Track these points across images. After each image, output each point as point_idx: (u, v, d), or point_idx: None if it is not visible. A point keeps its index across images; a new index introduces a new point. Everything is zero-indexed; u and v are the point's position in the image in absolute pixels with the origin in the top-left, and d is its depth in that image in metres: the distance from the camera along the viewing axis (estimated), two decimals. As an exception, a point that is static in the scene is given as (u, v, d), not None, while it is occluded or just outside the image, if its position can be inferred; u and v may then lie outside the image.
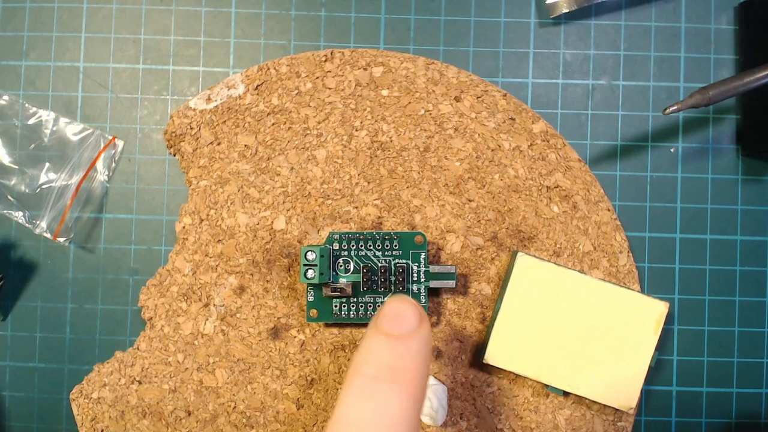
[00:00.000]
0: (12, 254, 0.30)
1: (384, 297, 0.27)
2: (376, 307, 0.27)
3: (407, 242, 0.27)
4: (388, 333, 0.16)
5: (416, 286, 0.27)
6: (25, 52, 0.31)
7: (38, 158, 0.30)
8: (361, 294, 0.27)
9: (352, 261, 0.27)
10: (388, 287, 0.27)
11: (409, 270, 0.27)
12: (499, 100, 0.30)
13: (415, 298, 0.27)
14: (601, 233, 0.30)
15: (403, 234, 0.27)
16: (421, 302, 0.27)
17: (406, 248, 0.27)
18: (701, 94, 0.26)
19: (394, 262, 0.27)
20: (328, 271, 0.27)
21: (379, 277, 0.27)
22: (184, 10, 0.31)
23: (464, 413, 0.29)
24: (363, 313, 0.27)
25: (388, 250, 0.27)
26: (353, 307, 0.27)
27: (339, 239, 0.27)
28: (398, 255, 0.27)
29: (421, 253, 0.27)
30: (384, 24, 0.31)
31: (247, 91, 0.30)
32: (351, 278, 0.27)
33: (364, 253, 0.27)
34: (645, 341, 0.28)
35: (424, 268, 0.27)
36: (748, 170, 0.31)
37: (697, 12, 0.31)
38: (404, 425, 0.13)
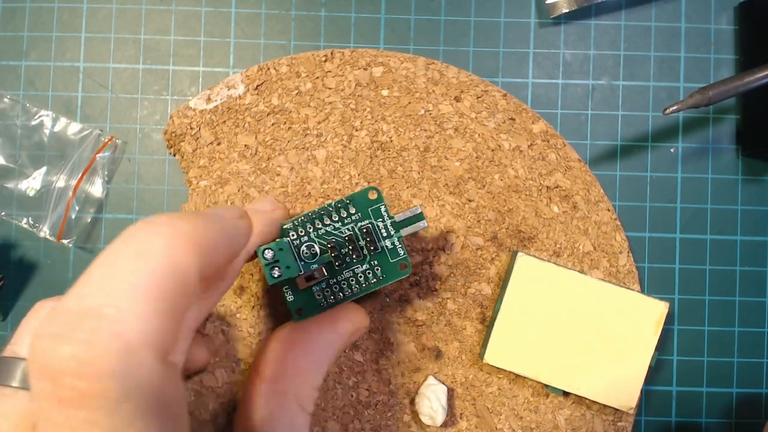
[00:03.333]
0: (12, 254, 0.30)
1: (361, 265, 0.25)
2: (358, 279, 0.25)
3: (362, 202, 0.25)
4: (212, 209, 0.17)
5: (389, 241, 0.25)
6: (25, 52, 0.31)
7: (38, 158, 0.30)
8: (338, 272, 0.25)
9: (316, 243, 0.25)
10: (360, 254, 0.25)
11: (375, 228, 0.25)
12: (499, 100, 0.30)
13: (392, 253, 0.25)
14: (601, 233, 0.30)
15: (354, 195, 0.25)
16: (400, 255, 0.25)
17: (364, 208, 0.25)
18: (701, 94, 0.26)
19: (358, 227, 0.25)
20: (294, 263, 0.24)
21: (348, 247, 0.25)
22: (184, 10, 0.31)
23: (464, 413, 0.29)
24: (349, 290, 0.25)
25: (347, 218, 0.25)
26: (336, 288, 0.25)
27: (293, 227, 0.25)
28: (358, 218, 0.25)
29: (380, 207, 0.25)
30: (384, 24, 0.31)
31: (247, 91, 0.30)
32: (321, 261, 0.25)
33: (324, 230, 0.25)
34: (645, 341, 0.28)
35: (389, 220, 0.25)
36: (748, 170, 0.31)
37: (697, 12, 0.31)
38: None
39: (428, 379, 0.29)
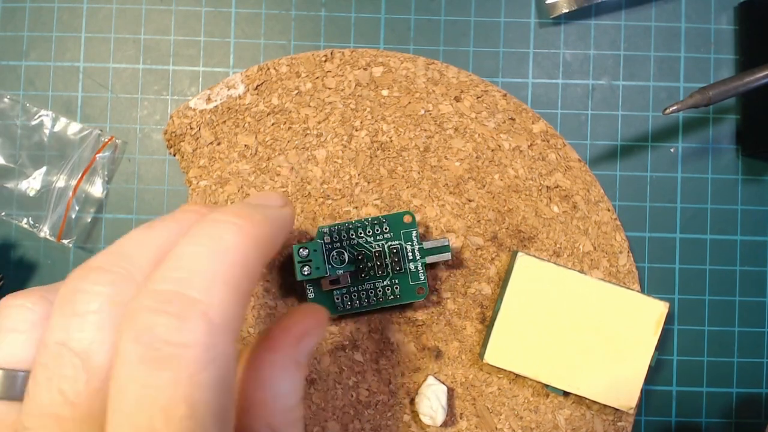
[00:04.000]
0: (12, 254, 0.30)
1: (383, 281, 0.27)
2: (377, 293, 0.27)
3: (397, 223, 0.27)
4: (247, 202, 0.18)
5: (413, 265, 0.27)
6: (25, 52, 0.31)
7: (38, 158, 0.30)
8: (360, 282, 0.27)
9: (346, 251, 0.27)
10: (384, 270, 0.27)
11: (403, 250, 0.27)
12: (499, 100, 0.30)
13: (413, 276, 0.27)
14: (601, 233, 0.30)
15: (391, 216, 0.27)
16: (420, 279, 0.27)
17: (397, 229, 0.27)
18: (701, 94, 0.26)
19: (388, 245, 0.27)
20: (323, 265, 0.27)
21: (375, 262, 0.27)
22: (184, 10, 0.31)
23: (464, 413, 0.29)
24: (366, 300, 0.27)
25: (379, 234, 0.27)
26: (354, 296, 0.27)
27: (329, 232, 0.27)
28: (390, 237, 0.27)
29: (411, 231, 0.27)
30: (384, 24, 0.31)
31: (247, 91, 0.30)
32: (347, 268, 0.27)
33: (356, 241, 0.27)
34: (645, 341, 0.28)
35: (418, 246, 0.27)
36: (748, 170, 0.31)
37: (697, 12, 0.31)
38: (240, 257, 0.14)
39: (428, 379, 0.29)
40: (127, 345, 0.13)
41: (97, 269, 0.14)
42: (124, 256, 0.14)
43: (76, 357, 0.13)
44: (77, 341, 0.13)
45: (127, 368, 0.12)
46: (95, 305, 0.14)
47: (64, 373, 0.13)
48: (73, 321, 0.14)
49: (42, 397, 0.13)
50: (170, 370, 0.12)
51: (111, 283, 0.14)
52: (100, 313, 0.13)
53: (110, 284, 0.14)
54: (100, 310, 0.13)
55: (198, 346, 0.12)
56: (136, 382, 0.12)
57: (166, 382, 0.12)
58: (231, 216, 0.15)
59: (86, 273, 0.14)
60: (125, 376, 0.12)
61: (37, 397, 0.13)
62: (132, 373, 0.12)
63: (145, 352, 0.12)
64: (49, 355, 0.13)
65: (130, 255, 0.14)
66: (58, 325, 0.14)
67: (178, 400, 0.12)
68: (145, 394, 0.12)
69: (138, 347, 0.12)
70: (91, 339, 0.13)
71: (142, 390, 0.12)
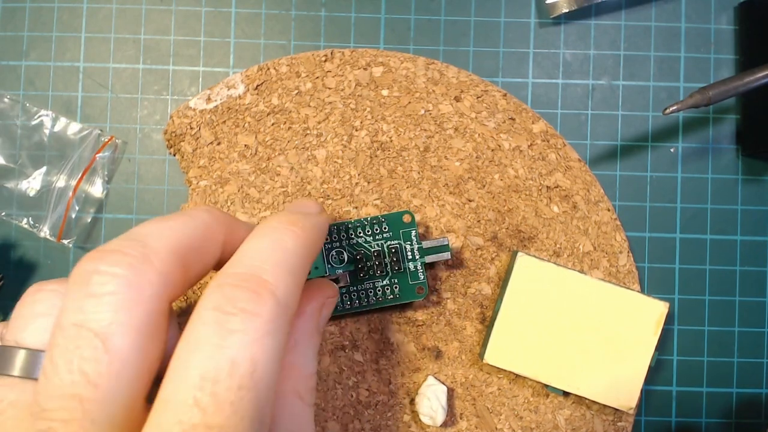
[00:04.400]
0: (12, 254, 0.30)
1: (382, 280, 0.27)
2: (376, 292, 0.27)
3: (396, 223, 0.27)
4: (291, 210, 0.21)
5: (412, 264, 0.27)
6: (25, 52, 0.31)
7: (38, 158, 0.30)
8: (359, 281, 0.27)
9: (345, 251, 0.27)
10: (384, 270, 0.27)
11: (403, 249, 0.27)
12: (499, 100, 0.30)
13: (413, 275, 0.27)
14: (601, 233, 0.30)
15: (390, 215, 0.27)
16: (420, 278, 0.27)
17: (396, 229, 0.27)
18: (701, 94, 0.26)
19: (387, 245, 0.27)
20: (322, 264, 0.27)
21: (374, 262, 0.27)
22: (184, 10, 0.31)
23: (464, 413, 0.29)
24: (365, 300, 0.27)
25: (379, 234, 0.27)
26: (354, 296, 0.27)
27: (329, 232, 0.27)
28: (389, 237, 0.27)
29: (411, 231, 0.27)
30: (384, 24, 0.31)
31: (247, 91, 0.30)
32: (346, 268, 0.27)
33: (356, 241, 0.27)
34: (645, 341, 0.28)
35: (417, 245, 0.27)
36: (748, 170, 0.31)
37: (697, 12, 0.31)
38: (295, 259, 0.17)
39: (428, 379, 0.29)
40: (206, 312, 0.14)
41: (115, 252, 0.15)
42: (141, 242, 0.15)
43: (96, 338, 0.13)
44: (96, 322, 0.14)
45: (203, 328, 0.14)
46: (111, 287, 0.14)
47: (85, 354, 0.13)
48: (89, 302, 0.14)
49: (62, 377, 0.13)
50: (242, 332, 0.14)
51: (129, 266, 0.14)
52: (118, 295, 0.14)
53: (128, 267, 0.14)
54: (117, 291, 0.14)
55: (266, 316, 0.14)
56: (210, 340, 0.14)
57: (237, 341, 0.14)
58: (286, 223, 0.18)
59: (102, 255, 0.15)
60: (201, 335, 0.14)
61: (57, 378, 0.13)
62: (208, 332, 0.14)
63: (222, 317, 0.14)
64: (66, 337, 0.14)
65: (147, 241, 0.15)
66: (74, 306, 0.14)
67: (245, 357, 0.14)
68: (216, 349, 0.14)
69: (216, 313, 0.14)
70: (110, 320, 0.14)
71: (214, 347, 0.14)
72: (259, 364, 0.14)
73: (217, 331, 0.14)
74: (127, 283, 0.14)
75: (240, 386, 0.13)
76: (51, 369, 0.14)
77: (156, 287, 0.15)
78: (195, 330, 0.14)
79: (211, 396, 0.13)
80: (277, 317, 0.15)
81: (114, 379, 0.13)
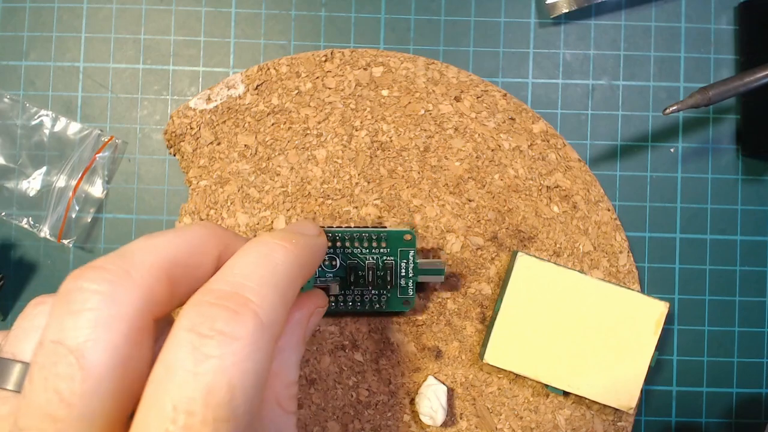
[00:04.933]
0: (12, 254, 0.30)
1: (372, 290, 0.27)
2: (363, 300, 0.27)
3: (396, 240, 0.27)
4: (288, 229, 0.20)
5: (404, 281, 0.27)
6: (25, 52, 0.31)
7: (38, 158, 0.30)
8: (348, 287, 0.27)
9: (338, 258, 0.27)
10: (375, 282, 0.27)
11: (397, 267, 0.27)
12: (499, 100, 0.30)
13: (402, 291, 0.27)
14: (601, 233, 0.30)
15: (391, 233, 0.27)
16: (409, 294, 0.27)
17: (395, 246, 0.27)
18: (701, 94, 0.26)
19: (383, 260, 0.27)
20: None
21: (367, 273, 0.27)
22: (184, 10, 0.31)
23: (464, 413, 0.29)
24: (351, 304, 0.27)
25: (376, 249, 0.27)
26: (340, 299, 0.27)
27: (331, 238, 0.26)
28: (386, 252, 0.27)
29: (409, 251, 0.27)
30: (384, 24, 0.31)
31: (247, 91, 0.30)
32: (338, 273, 0.27)
33: (351, 251, 0.27)
34: (645, 341, 0.28)
35: (413, 264, 0.27)
36: (748, 170, 0.31)
37: (697, 12, 0.31)
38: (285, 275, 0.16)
39: (428, 379, 0.29)
40: (181, 333, 0.14)
41: (96, 268, 0.14)
42: (124, 258, 0.15)
43: (71, 355, 0.13)
44: (72, 339, 0.13)
45: (177, 352, 0.13)
46: (91, 303, 0.14)
47: (59, 371, 0.13)
48: (68, 319, 0.14)
49: (38, 397, 0.13)
50: (219, 357, 0.13)
51: (108, 282, 0.14)
52: (97, 311, 0.14)
53: (107, 282, 0.14)
54: (96, 308, 0.14)
55: (246, 339, 0.14)
56: (184, 366, 0.13)
57: (212, 367, 0.13)
58: (278, 239, 0.17)
59: (84, 272, 0.14)
60: (175, 360, 0.13)
61: (33, 397, 0.13)
62: (182, 357, 0.13)
63: (198, 339, 0.13)
64: (44, 354, 0.13)
65: (130, 257, 0.15)
66: (54, 323, 0.14)
67: (222, 384, 0.13)
68: (191, 376, 0.13)
69: (191, 335, 0.14)
70: (86, 336, 0.13)
71: (189, 373, 0.13)
72: (237, 391, 0.13)
73: (192, 355, 0.13)
74: (105, 299, 0.14)
75: (216, 418, 0.13)
76: (29, 387, 0.13)
77: (136, 304, 0.14)
78: (170, 353, 0.14)
79: (184, 429, 0.13)
80: (259, 339, 0.14)
81: (88, 398, 0.13)
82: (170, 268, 0.15)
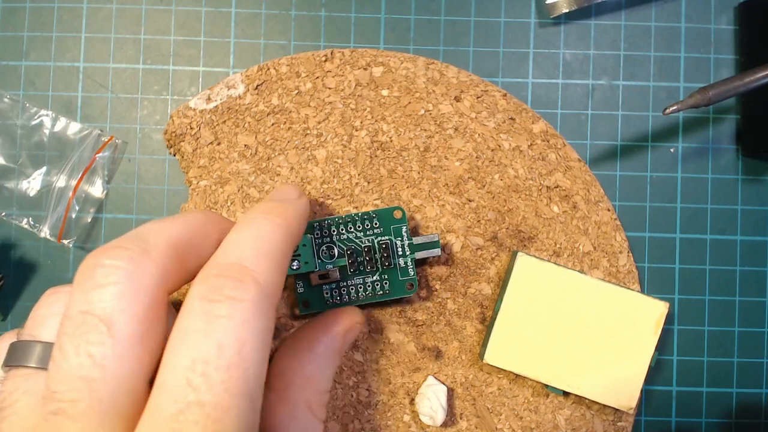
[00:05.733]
0: (12, 254, 0.30)
1: (372, 276, 0.27)
2: (366, 287, 0.27)
3: (387, 219, 0.27)
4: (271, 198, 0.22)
5: (402, 260, 0.27)
6: (25, 52, 0.31)
7: (38, 158, 0.30)
8: (350, 277, 0.27)
9: (336, 246, 0.27)
10: (374, 265, 0.27)
11: (393, 245, 0.27)
12: (499, 100, 0.30)
13: (402, 271, 0.27)
14: (601, 233, 0.30)
15: (381, 211, 0.27)
16: (410, 275, 0.27)
17: (387, 224, 0.27)
18: (701, 94, 0.26)
19: (377, 240, 0.27)
20: (312, 259, 0.27)
21: (365, 257, 0.27)
22: (184, 10, 0.31)
23: (464, 413, 0.29)
24: (355, 295, 0.27)
25: (369, 230, 0.27)
26: (344, 291, 0.27)
27: (319, 227, 0.27)
28: (380, 233, 0.27)
29: (402, 227, 0.27)
30: (384, 24, 0.31)
31: (247, 91, 0.30)
32: (337, 263, 0.27)
33: (346, 236, 0.27)
34: (645, 341, 0.28)
35: (408, 241, 0.27)
36: (748, 170, 0.31)
37: (697, 12, 0.31)
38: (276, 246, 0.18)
39: (428, 379, 0.29)
40: (193, 302, 0.15)
41: (116, 247, 0.16)
42: (140, 238, 0.16)
43: (102, 323, 0.14)
44: (101, 309, 0.15)
45: (192, 317, 0.15)
46: (114, 278, 0.15)
47: (91, 338, 0.14)
48: (94, 292, 0.15)
49: (70, 361, 0.14)
50: (227, 317, 0.15)
51: (129, 259, 0.15)
52: (120, 285, 0.15)
53: (128, 259, 0.15)
54: (119, 281, 0.15)
55: (250, 301, 0.15)
56: (198, 327, 0.15)
57: (223, 326, 0.15)
58: (264, 212, 0.19)
59: (105, 250, 0.16)
60: (190, 323, 0.15)
61: (65, 363, 0.14)
62: (195, 320, 0.15)
63: (208, 305, 0.15)
64: (73, 324, 0.15)
65: (145, 237, 0.16)
66: (80, 297, 0.15)
67: (232, 340, 0.15)
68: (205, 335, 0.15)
69: (202, 303, 0.15)
70: (114, 307, 0.15)
71: (203, 333, 0.15)
72: (246, 345, 0.15)
73: (205, 318, 0.15)
74: (128, 274, 0.15)
75: (229, 365, 0.14)
76: (59, 355, 0.14)
77: (155, 278, 0.16)
78: (185, 320, 0.15)
79: (202, 376, 0.14)
80: (261, 301, 0.16)
81: (119, 361, 0.14)
82: (180, 247, 0.17)
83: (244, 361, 0.15)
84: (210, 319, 0.15)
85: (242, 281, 0.16)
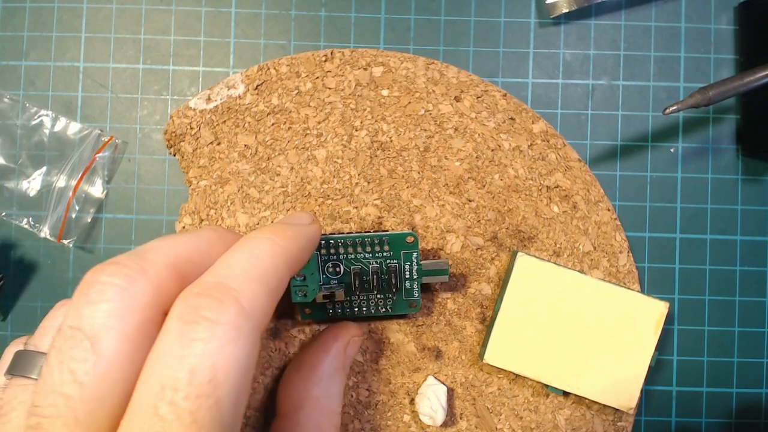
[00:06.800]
0: (12, 254, 0.30)
1: (377, 295, 0.27)
2: (369, 305, 0.27)
3: (398, 243, 0.26)
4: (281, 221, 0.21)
5: (408, 283, 0.27)
6: (25, 52, 0.31)
7: (38, 158, 0.30)
8: (353, 293, 0.26)
9: (342, 264, 0.26)
10: (380, 286, 0.26)
11: (401, 270, 0.26)
12: (499, 100, 0.30)
13: (408, 293, 0.27)
14: (601, 233, 0.30)
15: (393, 236, 0.26)
16: (414, 296, 0.27)
17: (398, 249, 0.26)
18: (701, 94, 0.26)
19: (386, 263, 0.26)
20: (317, 274, 0.26)
21: (371, 278, 0.26)
22: (184, 10, 0.31)
23: (464, 413, 0.29)
24: (357, 310, 0.27)
25: (379, 252, 0.26)
26: (345, 305, 0.27)
27: (326, 244, 0.26)
28: (389, 256, 0.26)
29: (412, 252, 0.26)
30: (384, 24, 0.31)
31: (247, 91, 0.30)
32: (342, 280, 0.26)
33: (354, 257, 0.26)
34: (645, 341, 0.28)
35: (417, 266, 0.26)
36: (748, 170, 0.31)
37: (697, 12, 0.31)
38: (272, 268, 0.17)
39: (428, 379, 0.29)
40: (171, 322, 0.15)
41: (114, 264, 0.16)
42: (140, 255, 0.16)
43: (87, 340, 0.14)
44: (89, 326, 0.14)
45: (167, 339, 0.14)
46: (108, 295, 0.15)
47: (75, 354, 0.14)
48: (86, 308, 0.15)
49: (53, 377, 0.14)
50: (203, 340, 0.14)
51: (125, 276, 0.15)
52: (112, 302, 0.15)
53: (124, 277, 0.15)
54: (111, 299, 0.15)
55: (229, 324, 0.15)
56: (172, 350, 0.14)
57: (197, 350, 0.14)
58: (265, 232, 0.18)
59: (104, 266, 0.16)
60: (164, 346, 0.14)
61: (49, 377, 0.14)
62: (171, 342, 0.14)
63: (185, 326, 0.14)
64: (62, 339, 0.15)
65: (145, 255, 0.16)
66: (73, 312, 0.15)
67: (204, 365, 0.14)
68: (177, 359, 0.14)
69: (179, 323, 0.15)
70: (101, 324, 0.14)
71: (176, 356, 0.14)
72: (220, 372, 0.14)
73: (179, 340, 0.14)
74: (121, 291, 0.15)
75: (199, 395, 0.14)
76: (46, 369, 0.14)
77: (148, 296, 0.15)
78: (160, 341, 0.15)
79: (169, 405, 0.13)
80: (242, 325, 0.15)
81: (100, 380, 0.14)
82: (181, 265, 0.17)
83: (216, 389, 0.14)
84: (185, 341, 0.14)
85: (221, 301, 0.15)
